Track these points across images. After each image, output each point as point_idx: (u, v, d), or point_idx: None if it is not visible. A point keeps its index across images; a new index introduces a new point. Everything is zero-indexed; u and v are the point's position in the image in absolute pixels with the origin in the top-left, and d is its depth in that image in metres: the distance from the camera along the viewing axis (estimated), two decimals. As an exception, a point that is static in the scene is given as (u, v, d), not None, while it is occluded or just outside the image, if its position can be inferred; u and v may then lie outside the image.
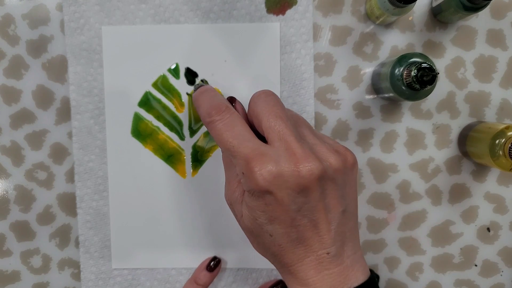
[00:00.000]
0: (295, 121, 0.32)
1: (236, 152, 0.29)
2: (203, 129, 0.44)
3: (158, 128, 0.44)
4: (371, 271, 0.32)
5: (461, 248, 0.45)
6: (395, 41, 0.43)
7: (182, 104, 0.44)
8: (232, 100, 0.36)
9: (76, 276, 0.46)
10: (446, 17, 0.41)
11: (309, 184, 0.28)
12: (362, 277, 0.30)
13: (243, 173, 0.29)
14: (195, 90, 0.37)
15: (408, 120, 0.44)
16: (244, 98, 0.43)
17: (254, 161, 0.28)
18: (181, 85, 0.44)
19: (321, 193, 0.28)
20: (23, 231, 0.45)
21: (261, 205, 0.29)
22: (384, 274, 0.46)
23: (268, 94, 0.32)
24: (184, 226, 0.44)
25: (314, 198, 0.28)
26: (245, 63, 0.43)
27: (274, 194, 0.28)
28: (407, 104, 0.44)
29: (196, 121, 0.44)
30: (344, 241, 0.30)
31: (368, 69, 0.44)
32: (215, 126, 0.31)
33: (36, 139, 0.45)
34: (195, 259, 0.44)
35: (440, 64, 0.44)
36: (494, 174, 0.44)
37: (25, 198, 0.45)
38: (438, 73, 0.37)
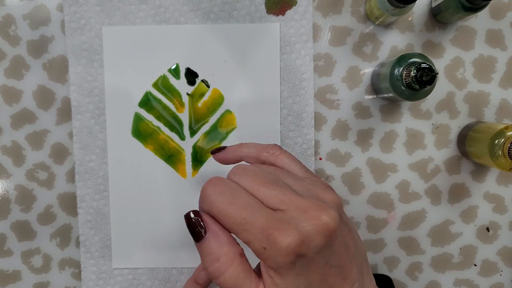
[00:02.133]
0: (276, 176, 0.29)
1: (249, 225, 0.25)
2: (203, 129, 0.44)
3: (159, 128, 0.44)
4: None
5: (460, 248, 0.45)
6: (394, 42, 0.44)
7: (182, 104, 0.44)
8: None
9: (77, 276, 0.46)
10: (446, 18, 0.41)
11: (333, 233, 0.26)
12: None
13: (264, 248, 0.25)
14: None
15: (407, 120, 0.44)
16: (244, 98, 0.43)
17: (276, 231, 0.25)
18: (182, 85, 0.44)
19: (339, 235, 0.27)
20: (24, 231, 0.46)
21: (292, 278, 0.26)
22: (384, 274, 0.46)
23: (243, 169, 0.29)
24: (185, 225, 0.44)
25: (338, 243, 0.27)
26: (245, 64, 0.43)
27: (303, 260, 0.25)
28: (406, 104, 0.44)
29: (196, 121, 0.44)
30: (362, 271, 0.29)
31: (367, 69, 0.44)
32: (215, 202, 0.26)
33: (36, 139, 0.45)
34: (196, 259, 0.44)
35: (439, 64, 0.44)
36: (493, 174, 0.44)
37: (25, 198, 0.45)
38: (438, 73, 0.37)
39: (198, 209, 0.28)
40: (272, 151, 0.32)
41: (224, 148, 0.35)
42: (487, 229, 0.45)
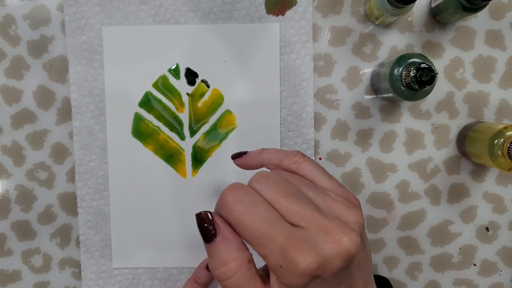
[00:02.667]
0: (298, 188, 0.28)
1: (267, 240, 0.24)
2: (203, 129, 0.44)
3: (159, 128, 0.44)
4: None
5: (460, 248, 0.45)
6: (394, 42, 0.44)
7: (182, 104, 0.44)
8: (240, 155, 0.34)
9: (77, 276, 0.46)
10: (445, 18, 0.41)
11: (352, 257, 0.25)
12: None
13: (280, 266, 0.24)
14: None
15: (407, 120, 0.44)
16: (244, 98, 0.44)
17: (294, 251, 0.24)
18: (182, 85, 0.44)
19: (357, 257, 0.26)
20: (24, 230, 0.46)
21: None
22: (383, 274, 0.46)
23: (266, 177, 0.28)
24: (185, 225, 0.44)
25: (354, 266, 0.26)
26: (245, 64, 0.43)
27: (318, 280, 0.25)
28: (406, 104, 0.44)
29: (196, 121, 0.44)
30: (368, 283, 0.28)
31: (367, 70, 0.44)
32: (234, 210, 0.25)
33: (37, 139, 0.45)
34: (196, 258, 0.44)
35: (439, 65, 0.44)
36: (493, 174, 0.45)
37: (26, 198, 0.45)
38: (437, 73, 0.37)
39: (208, 210, 0.28)
40: (294, 158, 0.30)
41: (245, 153, 0.34)
42: (487, 229, 0.45)
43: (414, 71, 0.36)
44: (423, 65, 0.36)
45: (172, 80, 0.44)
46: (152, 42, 0.43)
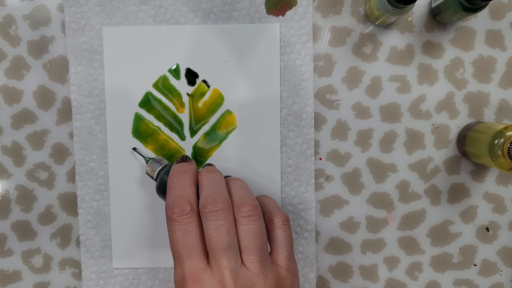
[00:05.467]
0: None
1: (179, 263, 0.32)
2: (204, 129, 0.44)
3: (159, 128, 0.44)
4: None
5: (460, 248, 0.45)
6: (394, 42, 0.44)
7: (182, 105, 0.44)
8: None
9: (77, 276, 0.46)
10: (445, 18, 0.41)
11: None
12: None
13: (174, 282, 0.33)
14: (177, 161, 0.38)
15: (407, 120, 0.44)
16: (244, 98, 0.44)
17: (187, 286, 0.31)
18: (182, 86, 0.44)
19: None
20: (24, 231, 0.46)
21: None
22: (383, 274, 0.46)
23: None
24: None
25: None
26: (245, 64, 0.43)
27: None
28: (406, 105, 0.44)
29: (196, 122, 0.44)
30: None
31: (367, 70, 0.44)
32: (172, 226, 0.32)
33: (37, 139, 0.45)
34: (196, 259, 0.44)
35: (439, 65, 0.44)
36: (493, 174, 0.45)
37: (26, 198, 0.45)
38: None
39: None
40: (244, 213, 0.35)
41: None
42: (487, 229, 0.45)
43: None
44: None
45: (172, 80, 0.44)
46: (152, 42, 0.43)
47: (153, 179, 0.40)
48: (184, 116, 0.44)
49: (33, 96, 0.45)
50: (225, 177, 0.39)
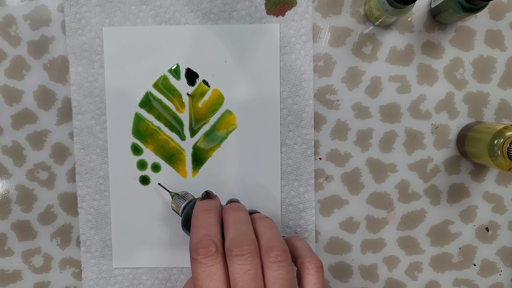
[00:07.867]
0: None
1: None
2: (204, 129, 0.44)
3: (159, 128, 0.44)
4: None
5: (460, 248, 0.45)
6: (394, 42, 0.44)
7: (182, 105, 0.44)
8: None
9: (77, 276, 0.46)
10: (445, 18, 0.41)
11: None
12: None
13: None
14: (201, 197, 0.37)
15: (407, 120, 0.44)
16: (244, 98, 0.44)
17: None
18: (182, 86, 0.44)
19: None
20: (25, 230, 0.46)
21: None
22: (383, 274, 0.46)
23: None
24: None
25: None
26: (245, 64, 0.43)
27: None
28: (406, 105, 0.44)
29: (196, 122, 0.44)
30: None
31: (367, 70, 0.44)
32: (197, 268, 0.31)
33: (37, 139, 0.45)
34: (196, 259, 0.44)
35: (439, 65, 0.44)
36: (492, 174, 0.45)
37: (26, 198, 0.45)
38: None
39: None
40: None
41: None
42: (487, 229, 0.45)
43: None
44: None
45: (172, 80, 0.44)
46: (152, 43, 0.43)
47: (179, 215, 0.40)
48: (184, 116, 0.44)
49: (33, 96, 0.45)
50: (250, 213, 0.37)
